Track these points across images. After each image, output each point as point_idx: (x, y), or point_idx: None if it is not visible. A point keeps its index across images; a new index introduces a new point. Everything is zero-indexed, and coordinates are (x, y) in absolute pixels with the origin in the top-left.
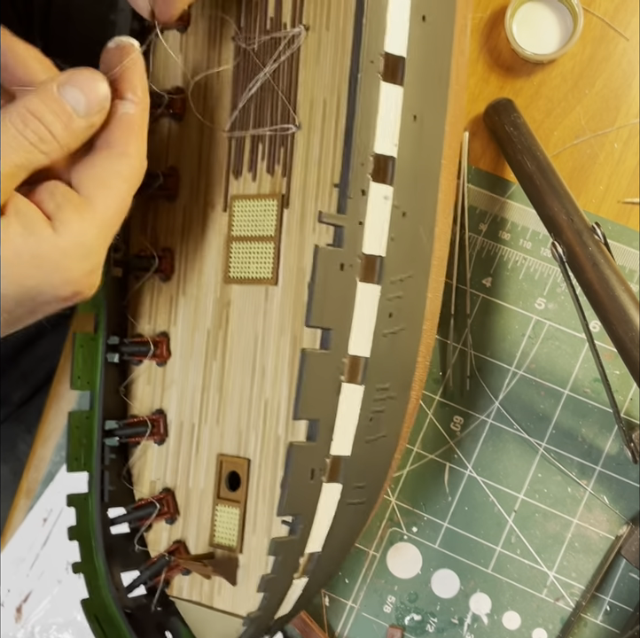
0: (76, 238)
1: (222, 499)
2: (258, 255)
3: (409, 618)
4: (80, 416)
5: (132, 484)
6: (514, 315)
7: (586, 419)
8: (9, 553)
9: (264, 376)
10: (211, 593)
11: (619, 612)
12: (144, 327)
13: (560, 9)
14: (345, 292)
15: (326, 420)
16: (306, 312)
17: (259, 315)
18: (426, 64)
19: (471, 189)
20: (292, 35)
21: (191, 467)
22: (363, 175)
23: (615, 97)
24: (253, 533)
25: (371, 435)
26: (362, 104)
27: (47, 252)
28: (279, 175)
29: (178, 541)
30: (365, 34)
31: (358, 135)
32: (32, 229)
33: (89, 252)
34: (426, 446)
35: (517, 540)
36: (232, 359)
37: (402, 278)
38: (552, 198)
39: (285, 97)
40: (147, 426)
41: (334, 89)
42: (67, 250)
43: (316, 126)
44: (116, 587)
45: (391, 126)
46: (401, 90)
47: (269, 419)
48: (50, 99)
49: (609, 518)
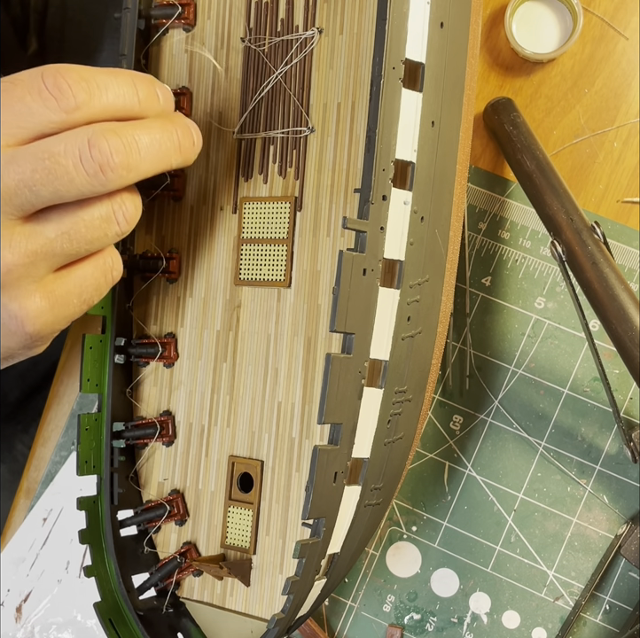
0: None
1: (234, 500)
2: (270, 257)
3: (409, 618)
4: (89, 418)
5: (140, 486)
6: (514, 314)
7: (585, 418)
8: (9, 553)
9: (277, 378)
10: (223, 594)
11: (618, 611)
12: (151, 328)
13: (560, 8)
14: (367, 297)
15: (349, 424)
16: (330, 317)
17: (271, 316)
18: (444, 70)
19: (470, 188)
20: (305, 38)
21: (201, 469)
22: (385, 181)
23: (615, 96)
24: (266, 534)
25: (389, 437)
26: (385, 110)
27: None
28: (292, 178)
29: (188, 543)
30: (388, 40)
31: (380, 141)
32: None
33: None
34: (426, 445)
35: (516, 540)
36: (243, 360)
37: (420, 282)
38: (552, 197)
39: (298, 100)
40: (156, 428)
41: (348, 93)
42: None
43: (329, 129)
44: (128, 590)
45: (411, 132)
46: (421, 96)
47: (283, 421)
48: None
49: (608, 517)
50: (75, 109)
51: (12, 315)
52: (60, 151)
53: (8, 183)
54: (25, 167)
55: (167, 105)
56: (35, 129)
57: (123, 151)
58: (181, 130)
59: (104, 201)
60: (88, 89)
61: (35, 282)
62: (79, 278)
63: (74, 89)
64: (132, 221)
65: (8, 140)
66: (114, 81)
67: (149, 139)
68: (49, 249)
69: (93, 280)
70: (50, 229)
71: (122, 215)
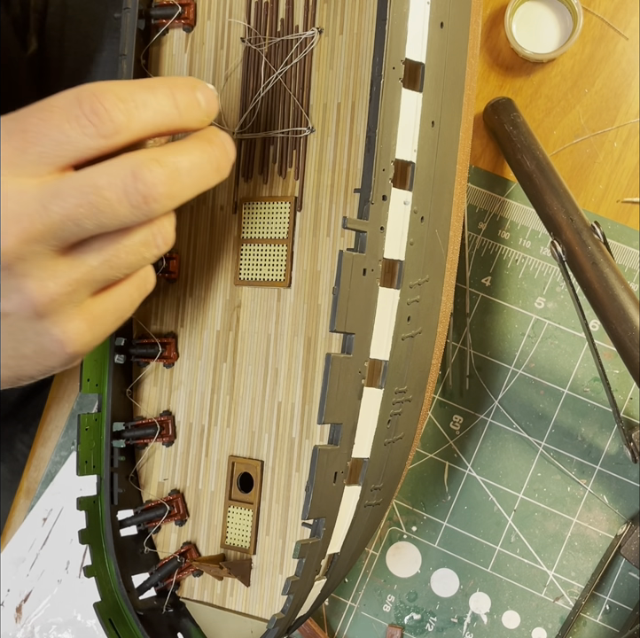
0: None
1: (234, 500)
2: (270, 257)
3: (409, 618)
4: (89, 418)
5: (140, 486)
6: (514, 314)
7: (585, 418)
8: (9, 553)
9: (277, 378)
10: (223, 594)
11: (618, 611)
12: (151, 328)
13: (560, 8)
14: (367, 297)
15: (349, 424)
16: (330, 317)
17: (271, 316)
18: (444, 70)
19: (470, 188)
20: (305, 38)
21: (201, 469)
22: (385, 181)
23: (615, 96)
24: (266, 534)
25: (389, 437)
26: (385, 110)
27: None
28: (292, 178)
29: (188, 543)
30: (388, 40)
31: (380, 141)
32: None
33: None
34: (426, 445)
35: (516, 540)
36: (243, 360)
37: (420, 282)
38: (552, 197)
39: (298, 100)
40: (156, 428)
41: (348, 93)
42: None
43: (329, 129)
44: (128, 590)
45: (411, 132)
46: (421, 97)
47: (283, 421)
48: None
49: (608, 517)
50: (114, 133)
51: (54, 339)
52: (104, 184)
53: (54, 218)
54: (70, 202)
55: (209, 108)
56: (75, 156)
57: (166, 181)
58: (218, 149)
59: (144, 227)
60: (126, 111)
61: (76, 306)
62: (116, 297)
63: (112, 113)
64: (170, 243)
65: (49, 169)
66: (152, 96)
67: (190, 165)
68: (90, 277)
69: (128, 296)
70: (92, 258)
71: (162, 238)
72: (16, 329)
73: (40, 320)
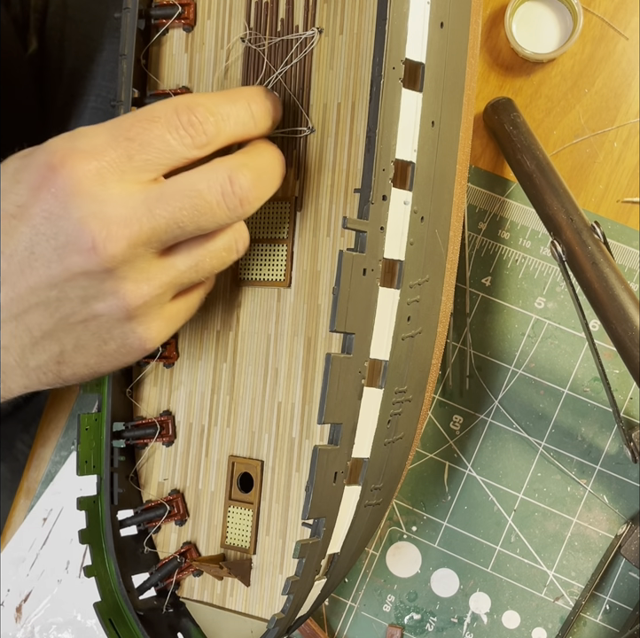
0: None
1: (234, 500)
2: (270, 257)
3: (409, 618)
4: (89, 418)
5: (140, 486)
6: (514, 314)
7: (585, 418)
8: (9, 553)
9: (277, 378)
10: (223, 594)
11: (618, 611)
12: None
13: (560, 8)
14: (367, 297)
15: (349, 424)
16: (330, 317)
17: (271, 316)
18: (444, 69)
19: (470, 188)
20: (305, 38)
21: (201, 468)
22: (385, 181)
23: (615, 96)
24: (266, 534)
25: (389, 437)
26: (385, 110)
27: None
28: (292, 178)
29: (188, 543)
30: (388, 40)
31: (380, 141)
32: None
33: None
34: (426, 445)
35: (516, 540)
36: (243, 360)
37: (420, 282)
38: (552, 197)
39: (298, 100)
40: (156, 428)
41: (348, 93)
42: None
43: (329, 129)
44: (128, 590)
45: (411, 132)
46: (421, 96)
47: (283, 421)
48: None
49: (608, 517)
50: (207, 144)
51: (137, 337)
52: (204, 188)
53: (160, 221)
54: (173, 206)
55: (277, 116)
56: (172, 165)
57: (256, 184)
58: (278, 150)
59: (227, 232)
60: (215, 124)
61: (161, 307)
62: (189, 297)
63: (205, 126)
64: (246, 248)
65: (151, 176)
66: (234, 108)
67: (267, 167)
68: (178, 281)
69: (197, 295)
70: (181, 262)
71: (242, 243)
72: (103, 329)
73: (129, 321)
